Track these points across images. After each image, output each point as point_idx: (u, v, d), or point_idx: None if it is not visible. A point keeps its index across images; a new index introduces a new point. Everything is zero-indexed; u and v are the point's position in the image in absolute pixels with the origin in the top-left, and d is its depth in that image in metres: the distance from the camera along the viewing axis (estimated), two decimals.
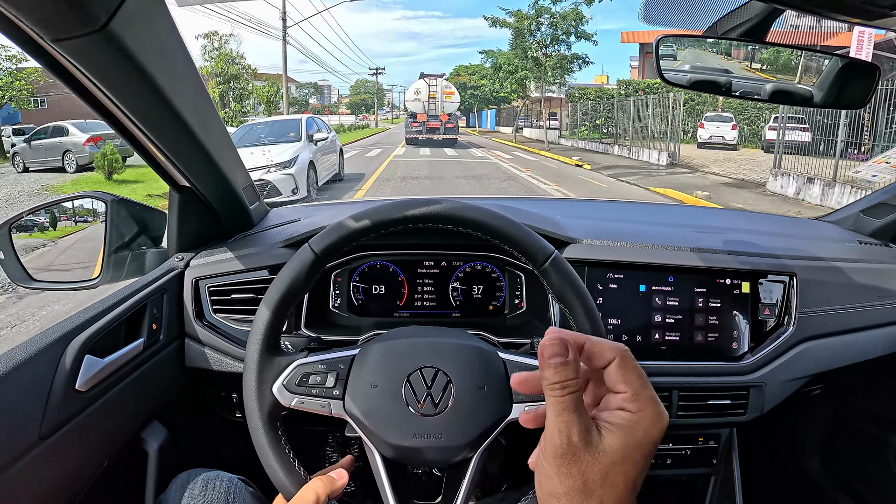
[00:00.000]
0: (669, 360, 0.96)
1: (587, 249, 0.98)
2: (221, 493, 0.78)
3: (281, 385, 0.65)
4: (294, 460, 0.64)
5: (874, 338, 1.04)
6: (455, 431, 0.62)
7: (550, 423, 0.40)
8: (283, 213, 1.25)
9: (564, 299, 0.66)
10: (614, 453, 0.40)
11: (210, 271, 0.97)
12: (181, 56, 0.71)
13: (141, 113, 0.71)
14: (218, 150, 0.88)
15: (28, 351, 0.67)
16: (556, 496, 0.39)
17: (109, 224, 1.00)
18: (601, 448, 0.40)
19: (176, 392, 0.97)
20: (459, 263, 1.06)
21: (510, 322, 1.05)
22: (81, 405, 0.73)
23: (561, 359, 0.41)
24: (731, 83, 0.89)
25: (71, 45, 0.56)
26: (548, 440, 0.40)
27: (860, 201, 1.33)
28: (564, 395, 0.40)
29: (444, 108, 22.10)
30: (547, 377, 0.41)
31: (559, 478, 0.39)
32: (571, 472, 0.39)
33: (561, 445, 0.39)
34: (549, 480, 0.40)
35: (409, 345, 0.68)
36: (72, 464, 0.72)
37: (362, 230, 0.67)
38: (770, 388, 0.98)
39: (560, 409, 0.40)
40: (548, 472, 0.40)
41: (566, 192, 9.78)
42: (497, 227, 0.67)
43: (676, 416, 0.97)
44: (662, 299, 0.97)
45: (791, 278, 1.00)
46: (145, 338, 0.86)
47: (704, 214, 1.61)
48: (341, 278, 1.06)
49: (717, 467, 1.10)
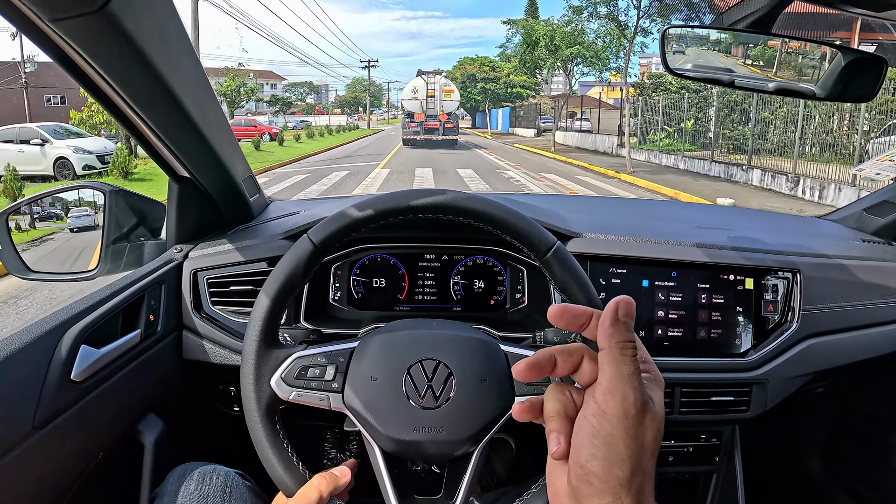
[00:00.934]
0: (672, 355, 0.96)
1: (590, 244, 0.97)
2: (218, 487, 0.78)
3: (279, 378, 0.64)
4: (292, 455, 0.63)
5: (877, 336, 1.03)
6: (456, 425, 0.62)
7: (620, 384, 0.39)
8: (284, 205, 1.24)
9: (567, 290, 0.65)
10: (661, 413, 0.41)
11: (209, 263, 0.96)
12: (180, 41, 0.70)
13: (139, 98, 0.70)
14: (218, 140, 0.87)
15: (23, 340, 0.66)
16: (620, 462, 0.38)
17: (108, 215, 0.99)
18: (657, 407, 0.40)
19: (173, 384, 0.96)
20: (461, 257, 1.05)
21: (511, 317, 1.04)
22: (76, 396, 0.72)
23: (631, 319, 0.40)
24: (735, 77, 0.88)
25: (68, 25, 0.55)
26: (617, 403, 0.38)
27: (863, 199, 1.33)
28: (635, 354, 0.40)
29: (443, 107, 21.23)
30: (619, 335, 0.39)
31: (627, 441, 0.38)
32: (639, 433, 0.38)
33: (636, 403, 0.38)
34: (611, 448, 0.38)
35: (409, 337, 0.67)
36: (66, 455, 0.71)
37: (362, 220, 0.66)
38: (773, 385, 0.98)
39: (634, 368, 0.39)
40: (614, 438, 0.38)
41: None
42: (499, 218, 0.66)
43: (679, 412, 0.96)
44: (665, 295, 0.96)
45: (795, 275, 0.99)
46: (142, 329, 0.85)
47: (708, 211, 1.60)
48: (341, 271, 1.05)
49: (720, 465, 1.09)
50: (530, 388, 0.63)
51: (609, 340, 0.40)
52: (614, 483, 0.37)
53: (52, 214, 1.07)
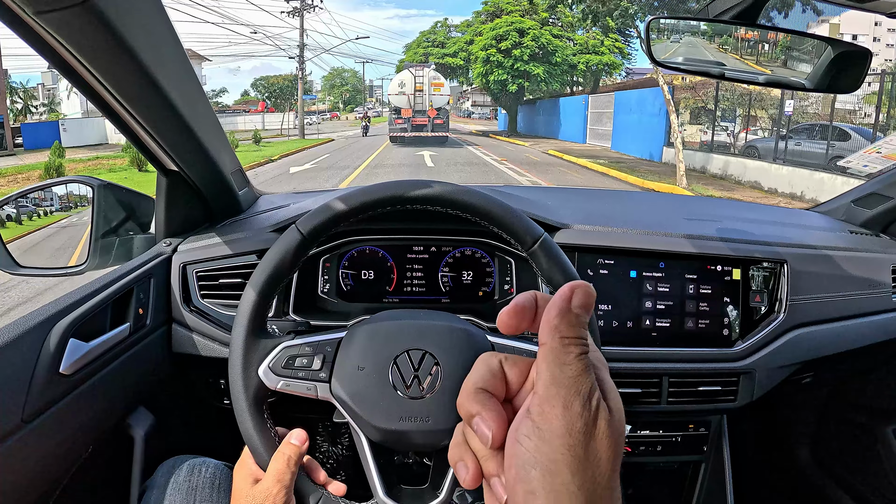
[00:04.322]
0: (660, 346, 0.96)
1: (578, 235, 0.98)
2: (207, 479, 0.78)
3: (267, 367, 0.64)
4: (280, 443, 0.63)
5: (863, 326, 1.04)
6: (442, 414, 0.62)
7: (560, 390, 0.30)
8: (273, 198, 1.24)
9: (553, 282, 0.66)
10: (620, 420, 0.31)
11: (198, 256, 0.96)
12: (167, 34, 0.70)
13: (125, 91, 0.70)
14: (206, 133, 0.87)
15: (11, 333, 0.66)
16: (569, 497, 0.28)
17: (96, 209, 0.99)
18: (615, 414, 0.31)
19: (162, 378, 0.96)
20: (449, 249, 1.05)
21: (500, 308, 1.04)
22: (65, 389, 0.72)
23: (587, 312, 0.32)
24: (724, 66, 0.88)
25: (52, 17, 0.54)
26: (557, 415, 0.29)
27: (851, 191, 1.34)
28: (584, 353, 0.31)
29: (431, 102, 19.34)
30: (565, 328, 0.31)
31: (574, 466, 0.29)
32: (591, 452, 0.29)
33: (583, 413, 0.29)
34: (554, 479, 0.29)
35: (396, 327, 0.67)
36: (55, 448, 0.71)
37: (350, 211, 0.66)
38: (760, 375, 0.99)
39: (580, 368, 0.30)
40: (556, 465, 0.29)
41: None
42: (486, 209, 0.67)
43: (667, 402, 0.97)
44: (653, 285, 0.97)
45: (782, 265, 1.00)
46: (132, 322, 0.85)
47: (696, 203, 1.61)
48: (330, 263, 1.05)
49: (708, 454, 1.10)
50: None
51: (552, 334, 0.31)
52: None
53: (41, 209, 1.07)
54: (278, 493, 0.58)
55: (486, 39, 21.77)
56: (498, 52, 21.49)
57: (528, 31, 21.14)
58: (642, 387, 0.97)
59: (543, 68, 21.36)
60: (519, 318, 0.34)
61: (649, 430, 1.06)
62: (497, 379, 0.34)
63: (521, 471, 0.30)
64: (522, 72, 21.63)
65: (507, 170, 11.93)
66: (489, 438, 0.32)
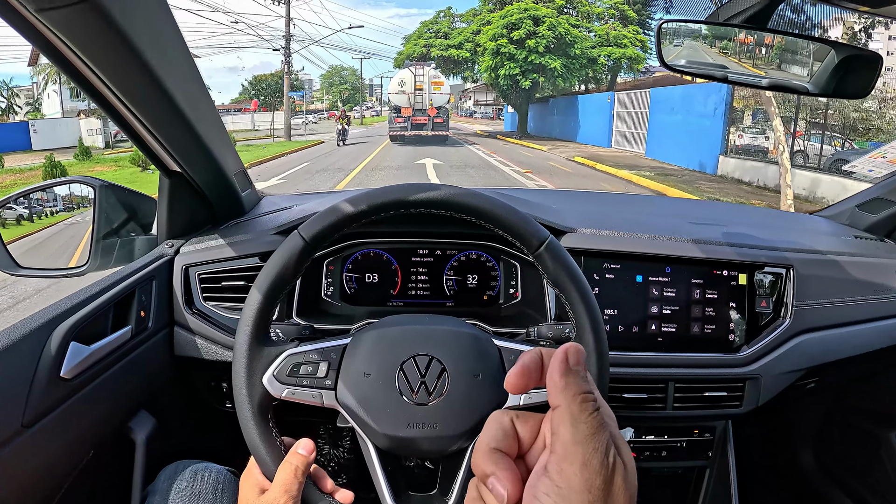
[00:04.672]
0: (666, 350, 0.96)
1: (584, 239, 0.97)
2: (210, 484, 0.77)
3: (271, 375, 0.63)
4: (286, 453, 0.63)
5: (869, 331, 1.04)
6: (450, 420, 0.61)
7: (579, 448, 0.31)
8: (276, 200, 1.23)
9: (560, 284, 0.65)
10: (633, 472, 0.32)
11: (200, 258, 0.95)
12: (171, 33, 0.69)
13: (129, 91, 0.69)
14: (209, 134, 0.86)
15: (11, 337, 0.65)
16: None
17: (98, 210, 0.98)
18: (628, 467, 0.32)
19: (164, 381, 0.96)
20: (454, 252, 1.05)
21: (505, 312, 1.04)
22: (66, 393, 0.71)
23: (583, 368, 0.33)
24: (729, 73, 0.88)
25: (55, 15, 0.54)
26: (576, 472, 0.30)
27: (856, 196, 1.34)
28: (597, 410, 0.32)
29: (431, 101, 18.96)
30: (575, 385, 0.32)
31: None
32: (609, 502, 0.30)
33: (601, 471, 0.30)
34: None
35: (402, 332, 0.66)
36: (56, 453, 0.70)
37: (353, 216, 0.66)
38: (766, 381, 0.98)
39: (596, 425, 0.31)
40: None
41: None
42: (492, 212, 0.66)
43: (672, 407, 0.97)
44: (659, 290, 0.97)
45: (788, 271, 0.99)
46: (133, 325, 0.84)
47: (702, 207, 1.61)
48: (334, 266, 1.04)
49: (713, 460, 1.10)
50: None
51: (564, 394, 0.32)
52: None
53: (42, 210, 1.06)
54: (285, 503, 0.57)
55: (496, 29, 19.04)
56: (509, 42, 18.83)
57: (544, 19, 18.38)
58: (648, 392, 0.96)
59: (561, 61, 18.52)
60: (527, 378, 0.35)
61: (654, 436, 1.06)
62: (510, 438, 0.35)
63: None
64: (537, 65, 18.76)
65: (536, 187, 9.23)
66: (504, 498, 0.32)
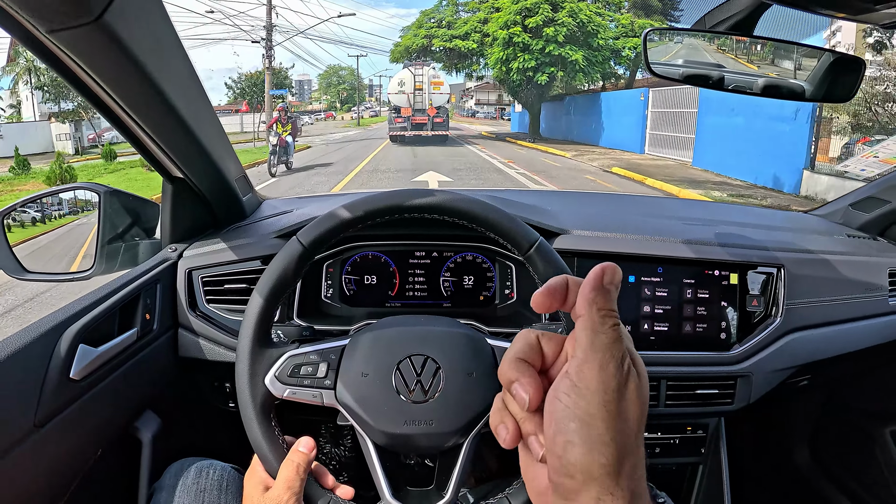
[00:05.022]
0: (658, 349, 0.98)
1: (577, 240, 0.99)
2: (214, 481, 0.79)
3: (273, 376, 0.65)
4: (288, 451, 0.65)
5: (860, 329, 1.05)
6: (445, 418, 0.64)
7: (597, 353, 0.34)
8: (276, 203, 1.25)
9: None
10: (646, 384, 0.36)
11: (203, 262, 0.98)
12: (174, 46, 0.71)
13: (134, 104, 0.71)
14: (210, 141, 0.88)
15: (23, 339, 0.68)
16: (602, 446, 0.33)
17: (102, 215, 1.01)
18: (642, 378, 0.35)
19: (169, 382, 0.98)
20: (450, 254, 1.07)
21: (500, 312, 1.06)
22: (75, 394, 0.73)
23: (616, 287, 0.36)
24: (722, 77, 0.89)
25: (65, 36, 0.56)
26: (594, 374, 0.33)
27: (849, 195, 1.35)
28: (616, 325, 0.35)
29: (431, 101, 19.06)
30: (600, 301, 0.35)
31: (608, 421, 0.33)
32: (622, 409, 0.34)
33: (616, 374, 0.33)
34: (590, 430, 0.33)
35: (398, 333, 0.69)
36: (67, 452, 0.73)
37: (350, 221, 0.68)
38: (757, 378, 1.00)
39: (614, 335, 0.34)
40: (592, 417, 0.33)
41: None
42: (482, 216, 0.68)
43: (665, 405, 0.99)
44: (652, 290, 0.98)
45: (779, 270, 1.01)
46: (139, 327, 0.87)
47: (695, 207, 1.62)
48: (333, 269, 1.06)
49: (706, 457, 1.12)
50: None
51: (589, 307, 0.35)
52: (599, 472, 0.33)
53: (48, 215, 1.08)
54: (289, 499, 0.60)
55: (508, 15, 16.78)
56: (524, 30, 16.57)
57: (564, 4, 16.23)
58: None
59: (583, 53, 16.33)
60: (552, 299, 0.38)
61: (647, 433, 1.08)
62: (534, 351, 0.38)
63: (561, 423, 0.34)
64: (555, 57, 16.48)
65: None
66: (526, 401, 0.36)
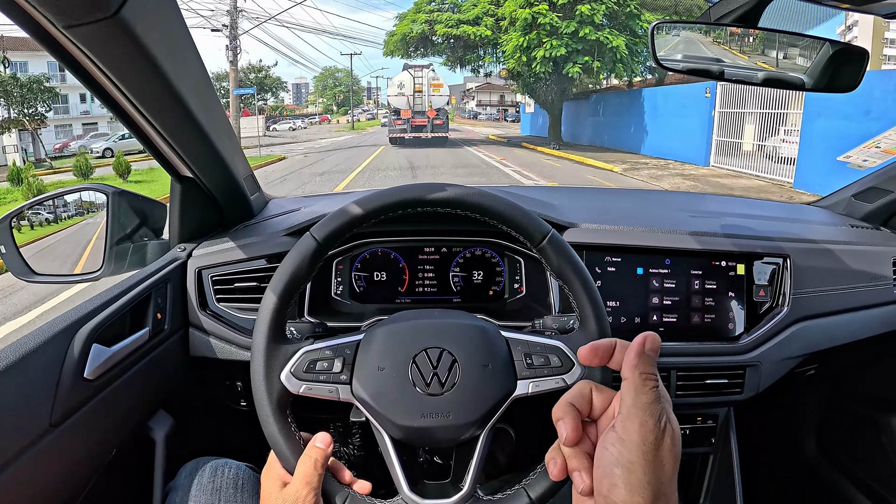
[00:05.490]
0: (667, 340, 0.98)
1: (585, 233, 1.00)
2: (230, 479, 0.80)
3: (289, 372, 0.65)
4: (304, 447, 0.65)
5: (865, 318, 1.06)
6: (462, 409, 0.64)
7: (639, 411, 0.41)
8: (283, 203, 1.26)
9: (563, 276, 0.68)
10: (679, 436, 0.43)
11: (212, 261, 0.98)
12: (187, 43, 0.72)
13: (146, 100, 0.72)
14: (220, 139, 0.88)
15: (37, 340, 0.68)
16: (641, 489, 0.40)
17: (111, 216, 1.01)
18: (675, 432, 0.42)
19: (181, 381, 0.98)
20: (460, 249, 1.07)
21: (510, 306, 1.07)
22: (90, 393, 0.73)
23: (656, 353, 0.44)
24: (724, 69, 0.90)
25: (82, 31, 0.56)
26: (635, 429, 0.41)
27: (852, 186, 1.36)
28: (656, 386, 0.42)
29: (431, 103, 19.65)
30: (643, 366, 0.43)
31: (646, 467, 0.40)
32: (658, 458, 0.40)
33: (654, 430, 0.41)
34: (631, 475, 0.40)
35: (413, 327, 0.69)
36: (82, 451, 0.73)
37: (363, 216, 0.68)
38: (765, 368, 1.01)
39: (654, 397, 0.42)
40: (633, 465, 0.40)
41: None
42: (495, 209, 0.68)
43: (675, 395, 0.99)
44: (660, 282, 0.99)
45: (785, 260, 1.02)
46: (150, 327, 0.87)
47: (700, 200, 1.63)
48: (343, 266, 1.07)
49: (716, 446, 1.12)
50: (531, 371, 0.65)
51: (633, 371, 0.43)
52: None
53: (56, 217, 1.08)
54: (307, 495, 0.60)
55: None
56: (551, 8, 12.97)
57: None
58: None
59: (624, 39, 13.02)
60: (595, 354, 0.47)
61: None
62: (584, 399, 0.47)
63: (607, 469, 0.41)
64: (591, 43, 12.98)
65: None
66: (564, 438, 0.44)
